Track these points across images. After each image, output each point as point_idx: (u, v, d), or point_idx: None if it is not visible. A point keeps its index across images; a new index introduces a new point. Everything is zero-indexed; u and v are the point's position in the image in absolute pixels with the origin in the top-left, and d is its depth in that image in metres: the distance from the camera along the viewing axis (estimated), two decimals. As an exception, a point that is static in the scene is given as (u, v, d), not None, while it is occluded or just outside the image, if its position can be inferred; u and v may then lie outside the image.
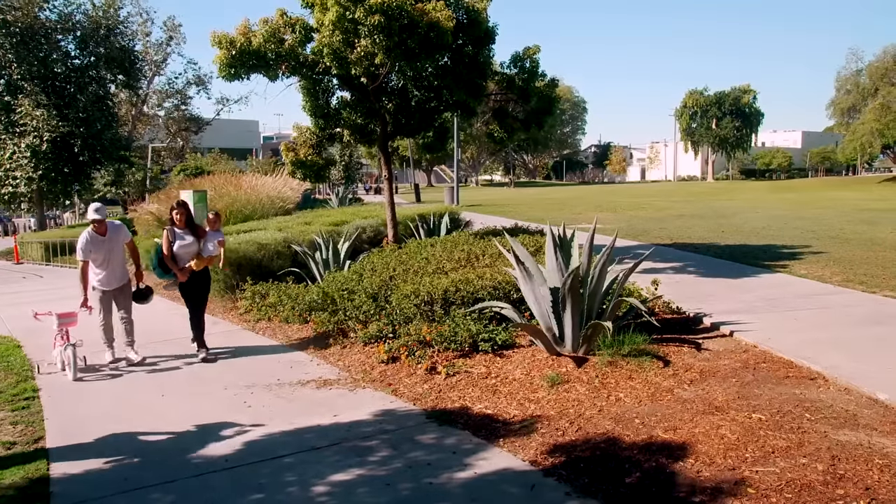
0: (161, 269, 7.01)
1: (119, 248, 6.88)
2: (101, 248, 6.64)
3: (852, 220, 17.66)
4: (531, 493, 3.61)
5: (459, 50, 8.75)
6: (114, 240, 6.80)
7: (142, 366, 6.69)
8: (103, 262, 6.70)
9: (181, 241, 6.89)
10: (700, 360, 5.54)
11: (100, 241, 6.66)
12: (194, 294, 7.04)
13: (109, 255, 6.73)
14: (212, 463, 4.20)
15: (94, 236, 6.64)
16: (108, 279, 6.76)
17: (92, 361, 6.76)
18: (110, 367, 6.72)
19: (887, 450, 3.78)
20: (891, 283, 8.54)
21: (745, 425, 4.19)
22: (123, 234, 7.00)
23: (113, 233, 6.81)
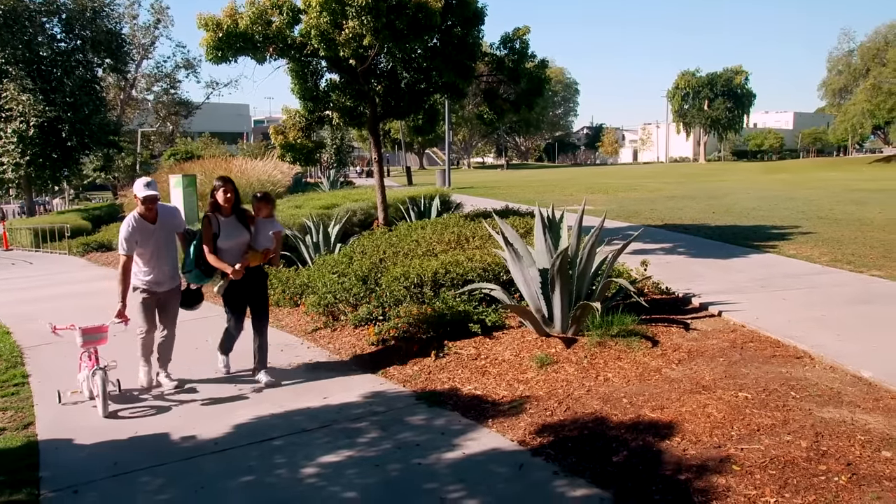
0: (200, 271, 5.31)
1: (172, 240, 5.36)
2: (149, 239, 5.13)
3: (842, 201, 17.75)
4: (519, 473, 3.64)
5: (448, 31, 8.69)
6: (166, 228, 5.27)
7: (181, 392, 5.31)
8: (152, 258, 5.19)
9: (228, 231, 5.23)
10: (688, 339, 5.58)
11: (149, 229, 5.13)
12: (248, 298, 5.40)
13: (160, 249, 5.21)
14: (201, 446, 4.21)
15: (142, 223, 5.11)
16: (157, 278, 5.23)
17: (128, 385, 5.38)
18: (152, 394, 5.29)
19: (869, 426, 3.83)
20: (878, 262, 8.61)
21: (732, 404, 4.24)
22: (178, 220, 5.46)
23: (166, 219, 5.27)
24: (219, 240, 5.21)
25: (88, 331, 4.97)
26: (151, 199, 5.10)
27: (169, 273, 5.32)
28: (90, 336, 5.00)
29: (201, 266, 5.29)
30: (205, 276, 5.37)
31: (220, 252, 5.22)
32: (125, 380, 5.34)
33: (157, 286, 5.25)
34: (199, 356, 6.09)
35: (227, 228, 5.25)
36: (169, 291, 5.35)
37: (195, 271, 5.31)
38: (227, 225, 5.26)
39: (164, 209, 5.29)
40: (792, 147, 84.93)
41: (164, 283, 5.29)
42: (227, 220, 5.27)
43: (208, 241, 5.20)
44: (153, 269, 5.22)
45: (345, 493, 3.51)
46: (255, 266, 5.35)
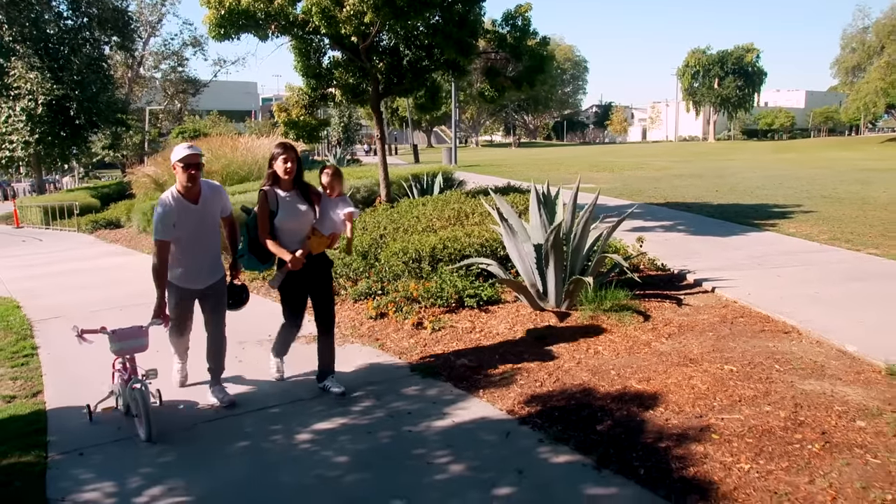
0: (254, 256, 4.50)
1: (215, 224, 4.40)
2: (189, 222, 4.18)
3: (847, 180, 17.67)
4: (505, 440, 3.77)
5: (449, 8, 8.70)
6: (210, 208, 4.29)
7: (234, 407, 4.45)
8: (188, 247, 4.24)
9: (289, 209, 4.33)
10: (680, 314, 5.68)
11: (190, 211, 4.17)
12: (309, 292, 4.59)
13: (201, 234, 4.28)
14: (201, 415, 4.36)
15: (182, 203, 4.16)
16: (193, 271, 4.33)
17: (171, 396, 4.57)
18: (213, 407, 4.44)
19: (848, 397, 3.93)
20: (876, 240, 8.64)
21: (717, 376, 4.34)
22: (224, 201, 4.44)
23: (210, 198, 4.28)
24: (277, 219, 4.32)
25: (123, 335, 4.05)
26: (195, 161, 4.09)
27: (209, 266, 4.38)
28: (126, 343, 4.06)
29: (256, 251, 4.45)
30: (259, 263, 4.53)
31: (278, 234, 4.36)
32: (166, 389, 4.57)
33: (192, 282, 4.33)
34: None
35: (287, 206, 4.33)
36: (210, 287, 4.41)
37: (248, 256, 4.51)
38: (287, 202, 4.34)
39: (208, 186, 4.30)
40: (803, 126, 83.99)
41: (201, 279, 4.36)
42: (287, 196, 4.35)
43: (264, 220, 4.31)
44: (189, 260, 4.28)
45: (336, 457, 3.66)
46: (318, 253, 4.51)
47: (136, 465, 3.64)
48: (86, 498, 3.32)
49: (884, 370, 4.31)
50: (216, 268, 4.48)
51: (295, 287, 4.51)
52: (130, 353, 4.14)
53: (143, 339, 4.15)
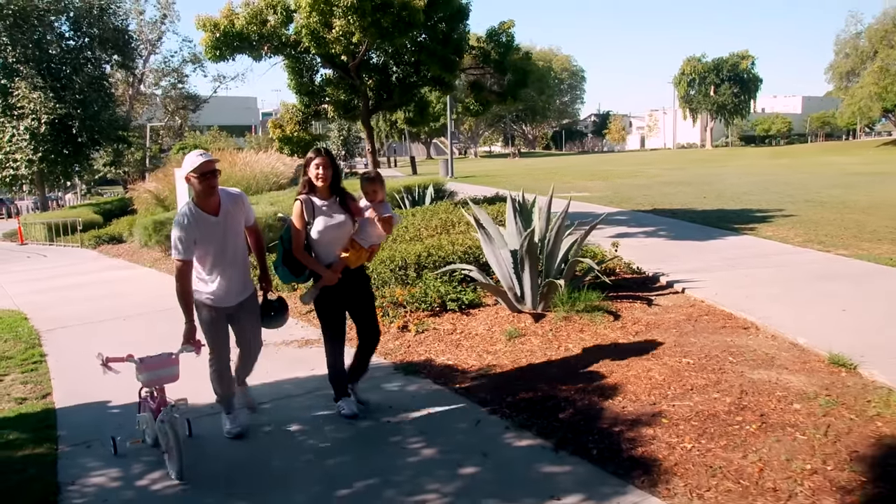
0: (287, 269, 4.17)
1: (240, 235, 4.07)
2: (211, 236, 3.87)
3: (834, 185, 18.04)
4: (475, 428, 4.12)
5: (434, 27, 9.12)
6: (233, 219, 3.97)
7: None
8: (216, 263, 3.94)
9: (326, 220, 4.07)
10: (648, 314, 6.04)
11: (211, 223, 3.86)
12: (349, 309, 4.32)
13: (226, 248, 3.95)
14: (197, 410, 4.69)
15: (201, 216, 3.84)
16: (223, 289, 3.99)
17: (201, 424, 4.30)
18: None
19: (790, 384, 4.29)
20: (847, 242, 9.00)
21: (674, 368, 4.70)
22: (245, 209, 4.08)
23: (231, 208, 3.94)
24: (312, 230, 4.06)
25: (152, 365, 3.75)
26: (211, 169, 3.74)
27: (239, 281, 4.07)
28: (154, 373, 3.76)
29: (290, 263, 4.14)
30: (293, 276, 4.20)
31: (313, 246, 4.11)
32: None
33: (223, 300, 4.01)
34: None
35: (323, 216, 4.06)
36: (240, 305, 4.10)
37: (283, 268, 4.18)
38: (324, 211, 4.07)
39: (227, 195, 3.96)
40: (801, 131, 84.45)
41: (232, 296, 4.03)
42: (324, 205, 4.08)
43: (298, 231, 4.04)
44: (217, 277, 3.95)
45: (320, 444, 4.02)
46: (356, 267, 4.23)
47: (139, 455, 3.99)
48: (93, 482, 3.68)
49: (827, 359, 4.66)
50: (247, 283, 4.15)
51: (332, 305, 4.19)
52: (160, 383, 3.78)
53: (173, 367, 3.81)
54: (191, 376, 4.09)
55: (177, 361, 3.86)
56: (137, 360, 3.77)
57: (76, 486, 3.64)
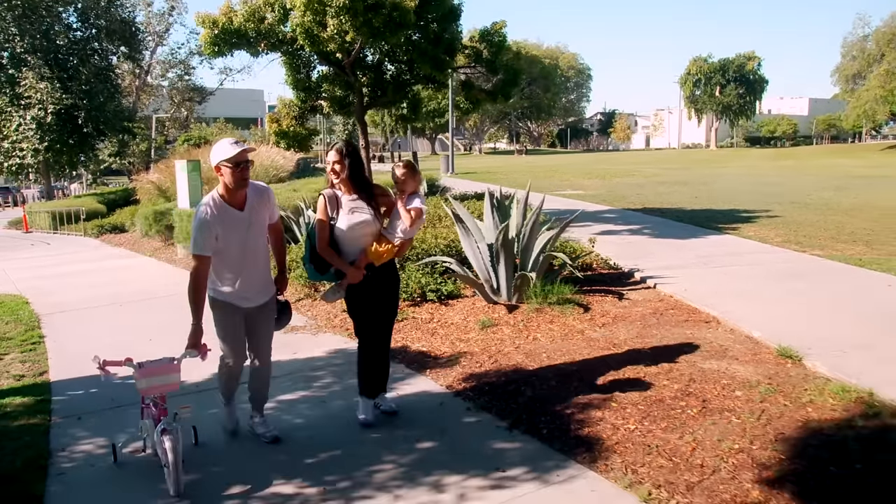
0: (314, 266, 4.06)
1: (263, 233, 3.85)
2: (234, 232, 3.64)
3: (826, 187, 18.25)
4: (438, 408, 4.41)
5: (425, 27, 9.39)
6: (258, 215, 3.75)
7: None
8: (238, 261, 3.71)
9: (350, 214, 3.91)
10: (618, 307, 6.32)
11: (236, 219, 3.64)
12: (374, 307, 4.10)
13: (249, 245, 3.74)
14: (184, 389, 5.00)
15: (226, 210, 3.62)
16: (243, 290, 3.77)
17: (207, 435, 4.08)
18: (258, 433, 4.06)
19: (737, 373, 4.56)
20: (824, 243, 9.25)
21: (635, 358, 4.98)
22: (271, 205, 3.86)
23: (257, 201, 3.73)
24: (337, 226, 3.91)
25: (151, 371, 3.51)
26: (246, 160, 3.54)
27: (261, 282, 3.85)
28: (153, 379, 3.51)
29: (317, 260, 4.01)
30: (318, 273, 4.07)
31: (339, 242, 3.96)
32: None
33: (243, 300, 3.78)
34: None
35: (346, 211, 3.91)
36: (260, 307, 3.86)
37: (310, 266, 4.07)
38: (349, 206, 3.91)
39: (254, 189, 3.72)
40: (806, 133, 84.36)
41: (253, 296, 3.81)
42: (349, 199, 3.92)
43: (323, 227, 3.92)
44: (238, 276, 3.72)
45: (294, 420, 4.33)
46: (383, 263, 4.02)
47: (125, 426, 4.30)
48: (81, 449, 3.99)
49: (776, 352, 4.94)
50: (268, 284, 3.93)
51: (360, 300, 4.05)
52: (159, 391, 3.52)
53: (173, 374, 3.57)
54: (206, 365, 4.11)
55: (178, 368, 3.59)
56: (136, 365, 3.49)
57: (66, 453, 3.96)
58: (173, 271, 10.39)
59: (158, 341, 6.29)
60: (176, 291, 8.69)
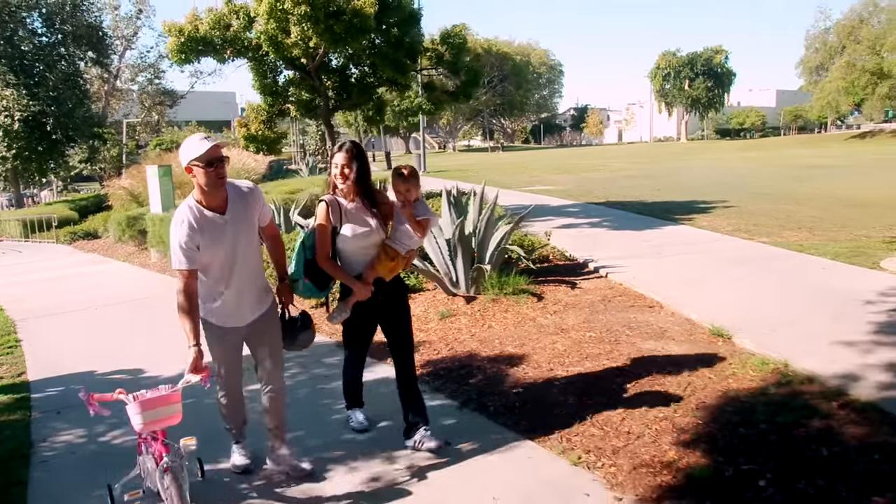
0: (312, 282, 3.68)
1: (252, 236, 3.40)
2: (219, 240, 3.23)
3: (785, 177, 18.91)
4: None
5: (386, 32, 9.71)
6: (243, 217, 3.32)
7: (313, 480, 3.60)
8: (223, 273, 3.30)
9: (354, 224, 3.60)
10: (570, 295, 6.71)
11: (218, 224, 3.23)
12: (381, 324, 3.87)
13: (237, 253, 3.30)
14: (158, 382, 5.29)
15: (205, 215, 3.21)
16: (232, 305, 3.37)
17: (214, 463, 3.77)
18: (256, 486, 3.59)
19: (671, 352, 4.97)
20: (772, 231, 9.75)
21: (576, 340, 5.37)
22: (259, 205, 3.42)
23: (240, 201, 3.31)
24: (339, 237, 3.59)
25: (149, 403, 3.08)
26: (219, 156, 3.12)
27: (253, 294, 3.42)
28: (153, 412, 3.07)
29: (314, 274, 3.64)
30: (317, 290, 3.72)
31: (340, 255, 3.66)
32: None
33: (233, 317, 3.38)
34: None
35: (352, 220, 3.57)
36: (256, 322, 3.45)
37: (303, 282, 3.65)
38: (352, 215, 3.58)
39: (236, 190, 3.32)
40: (775, 125, 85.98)
41: (245, 312, 3.41)
42: (352, 208, 3.58)
43: (324, 237, 3.56)
44: (226, 290, 3.32)
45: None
46: (391, 278, 3.75)
47: (105, 419, 4.57)
48: (61, 440, 4.28)
49: (709, 331, 5.36)
50: (262, 295, 3.47)
51: (362, 320, 3.76)
52: (158, 426, 3.09)
53: (173, 406, 3.13)
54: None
55: (179, 397, 3.15)
56: (129, 398, 3.08)
57: (47, 443, 4.24)
58: (147, 275, 10.59)
59: (135, 341, 6.56)
60: (150, 294, 8.96)
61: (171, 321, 6.07)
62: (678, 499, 3.15)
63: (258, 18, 8.95)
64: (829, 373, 4.37)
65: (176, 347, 5.98)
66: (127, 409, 3.12)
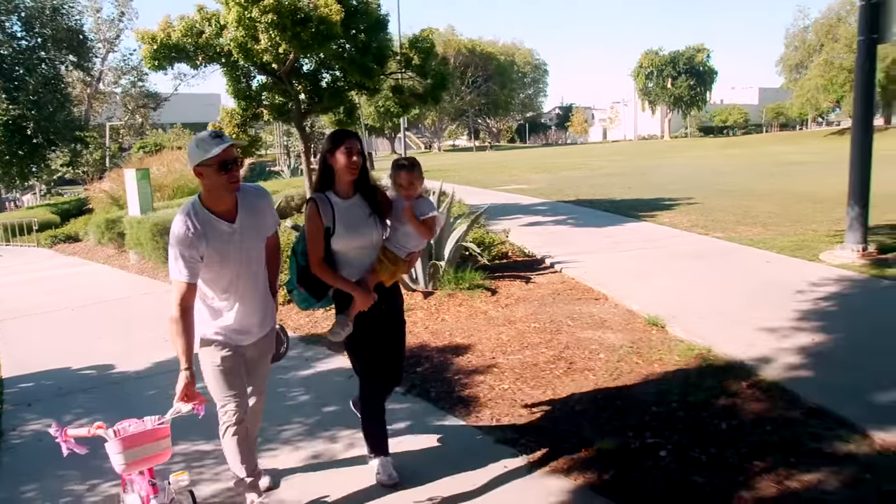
0: (308, 292, 3.33)
1: (262, 248, 3.13)
2: (226, 250, 2.93)
3: (758, 174, 19.41)
4: (347, 381, 5.07)
5: (354, 37, 10.01)
6: (253, 226, 3.03)
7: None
8: (231, 286, 3.02)
9: (350, 224, 3.20)
10: (523, 290, 7.06)
11: (225, 233, 2.92)
12: (380, 337, 3.40)
13: (243, 266, 3.02)
14: (127, 377, 5.61)
15: (212, 222, 2.90)
16: (240, 321, 3.07)
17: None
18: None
19: (608, 341, 5.33)
20: (727, 227, 10.15)
21: (520, 331, 5.71)
22: (271, 212, 3.19)
23: (251, 209, 3.02)
24: (334, 238, 3.18)
25: (134, 439, 2.67)
26: (232, 157, 2.81)
27: (260, 311, 3.13)
28: (138, 450, 2.67)
29: (308, 283, 3.27)
30: (313, 299, 3.35)
31: (335, 259, 3.24)
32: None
33: (241, 335, 3.08)
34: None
35: (347, 218, 3.18)
36: (258, 343, 3.19)
37: (298, 291, 3.35)
38: (347, 212, 3.19)
39: (245, 195, 2.99)
40: (757, 122, 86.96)
41: (253, 330, 3.12)
42: (346, 205, 3.20)
43: (316, 240, 3.16)
44: (233, 305, 3.03)
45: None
46: (391, 284, 3.41)
47: (72, 410, 4.88)
48: (31, 428, 4.57)
49: (645, 321, 5.72)
50: (268, 313, 3.21)
51: (365, 332, 3.30)
52: (144, 466, 2.69)
53: (162, 441, 2.72)
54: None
55: (167, 432, 2.74)
56: (109, 433, 2.66)
57: (16, 432, 4.54)
58: (125, 276, 10.84)
59: (109, 340, 6.84)
60: (129, 295, 9.21)
61: (146, 322, 6.36)
62: (586, 469, 3.49)
63: (227, 26, 9.22)
64: (746, 356, 4.73)
65: (149, 346, 6.31)
66: (106, 446, 2.67)
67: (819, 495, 3.09)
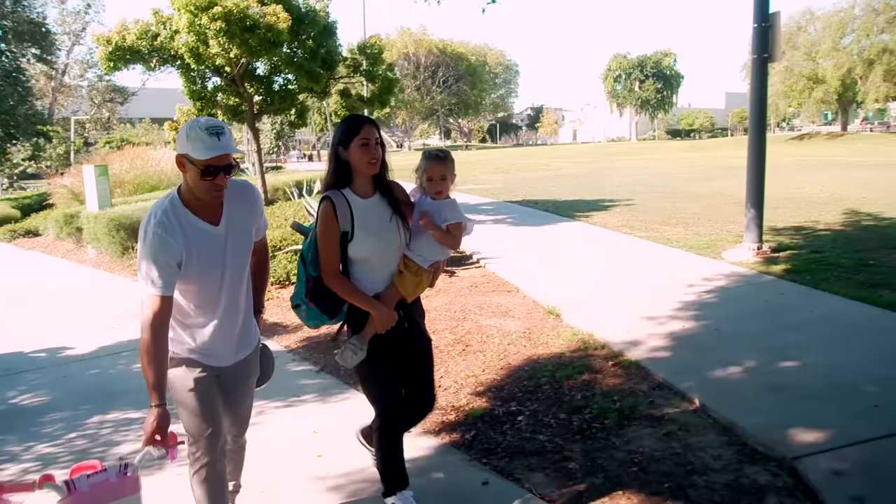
0: (320, 308, 2.82)
1: (248, 255, 2.66)
2: (208, 257, 2.48)
3: (699, 176, 20.27)
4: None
5: (302, 44, 10.56)
6: (239, 229, 2.58)
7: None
8: (213, 296, 2.55)
9: (370, 227, 2.74)
10: (445, 283, 7.67)
11: (207, 236, 2.48)
12: (402, 360, 2.94)
13: (225, 276, 2.55)
14: (72, 359, 6.11)
15: (192, 223, 2.45)
16: (219, 340, 2.60)
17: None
18: None
19: (505, 327, 5.97)
20: (652, 226, 10.88)
21: (431, 318, 6.28)
22: (259, 213, 2.73)
23: (238, 212, 2.58)
24: (351, 245, 2.72)
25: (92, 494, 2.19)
26: (227, 163, 2.36)
27: (241, 328, 2.69)
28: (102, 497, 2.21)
29: (319, 297, 2.79)
30: (326, 316, 2.87)
31: (350, 269, 2.78)
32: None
33: (216, 356, 2.62)
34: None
35: (367, 221, 2.74)
36: (239, 365, 2.75)
37: (307, 307, 2.84)
38: (367, 214, 2.74)
39: (233, 192, 2.54)
40: (724, 126, 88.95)
41: (231, 349, 2.67)
42: (367, 205, 2.75)
43: (330, 247, 2.71)
44: (210, 322, 2.57)
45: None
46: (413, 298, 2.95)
47: (17, 387, 5.36)
48: (-26, 402, 5.07)
49: (545, 310, 6.38)
50: (252, 330, 2.79)
51: (383, 353, 2.83)
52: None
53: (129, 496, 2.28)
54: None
55: (138, 485, 2.33)
56: (62, 487, 2.16)
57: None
58: (85, 270, 11.22)
59: (63, 327, 7.31)
60: (86, 288, 9.63)
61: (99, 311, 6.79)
62: (453, 430, 4.11)
63: (181, 31, 9.70)
64: (620, 340, 5.39)
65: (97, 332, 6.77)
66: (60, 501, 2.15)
67: (636, 447, 3.75)
